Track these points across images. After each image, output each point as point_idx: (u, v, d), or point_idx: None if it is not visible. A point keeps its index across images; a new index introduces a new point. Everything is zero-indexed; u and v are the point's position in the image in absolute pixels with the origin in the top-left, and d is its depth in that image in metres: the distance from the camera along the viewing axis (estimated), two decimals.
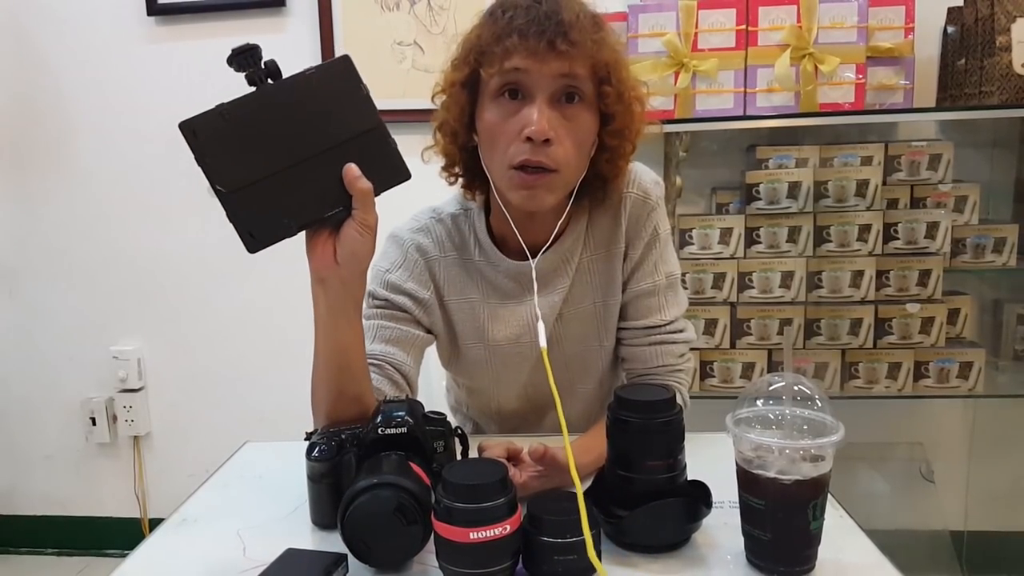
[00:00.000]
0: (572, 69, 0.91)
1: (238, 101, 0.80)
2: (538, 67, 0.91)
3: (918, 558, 2.00)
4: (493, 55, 0.92)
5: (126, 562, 0.83)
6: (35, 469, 2.46)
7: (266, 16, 2.13)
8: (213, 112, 0.79)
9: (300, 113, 0.82)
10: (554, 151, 0.92)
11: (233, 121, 0.79)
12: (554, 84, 0.92)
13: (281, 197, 0.82)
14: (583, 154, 0.98)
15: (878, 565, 0.76)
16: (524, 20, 0.90)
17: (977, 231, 1.84)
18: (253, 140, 0.81)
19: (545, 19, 0.90)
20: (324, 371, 0.91)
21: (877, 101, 1.79)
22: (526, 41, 0.90)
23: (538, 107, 0.91)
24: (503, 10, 0.93)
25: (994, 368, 1.93)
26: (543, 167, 0.92)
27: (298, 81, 0.82)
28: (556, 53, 0.90)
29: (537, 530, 0.72)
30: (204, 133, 0.78)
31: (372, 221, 0.83)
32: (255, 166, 0.81)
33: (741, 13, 1.75)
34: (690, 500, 0.80)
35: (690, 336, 1.10)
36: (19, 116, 2.27)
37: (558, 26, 0.89)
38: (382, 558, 0.76)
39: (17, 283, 2.37)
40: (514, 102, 0.94)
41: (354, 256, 0.84)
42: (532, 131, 0.90)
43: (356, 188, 0.81)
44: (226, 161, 0.80)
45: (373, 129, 0.85)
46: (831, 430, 0.72)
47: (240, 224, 0.80)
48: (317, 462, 0.84)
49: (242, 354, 2.31)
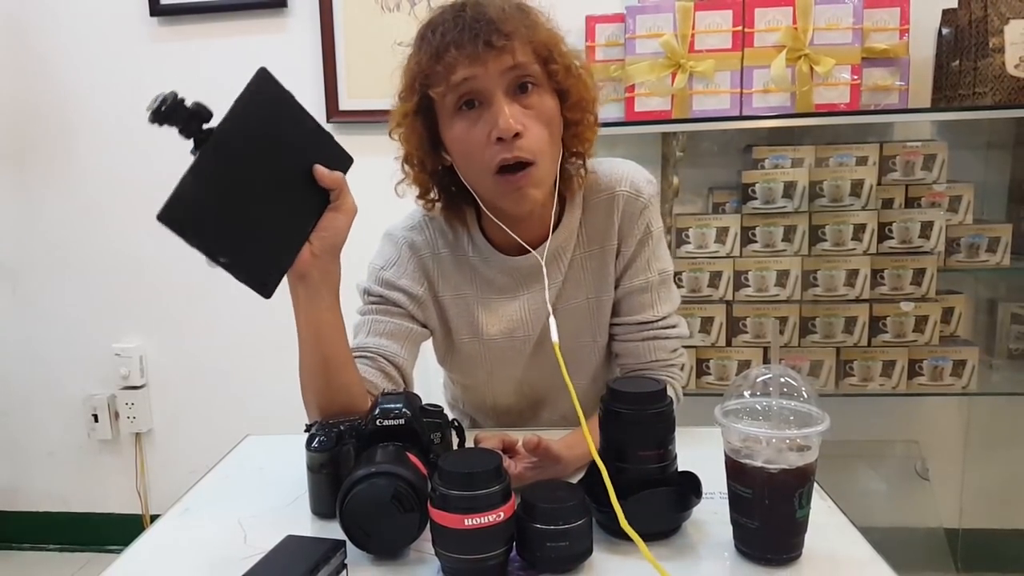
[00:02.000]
0: (516, 60, 0.92)
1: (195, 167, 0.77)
2: (484, 70, 0.91)
3: (913, 555, 2.02)
4: (437, 75, 0.92)
5: (129, 549, 0.84)
6: (38, 466, 2.48)
7: (267, 17, 2.15)
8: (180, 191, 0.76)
9: (251, 146, 0.81)
10: (526, 143, 0.93)
11: (201, 187, 0.77)
12: (505, 80, 0.92)
13: (270, 234, 0.83)
14: (555, 138, 0.98)
15: (870, 561, 0.78)
16: (455, 31, 0.91)
17: (971, 231, 1.85)
18: (226, 194, 0.79)
19: (474, 22, 0.90)
20: (309, 363, 0.94)
21: (872, 102, 1.80)
22: (464, 49, 0.90)
23: (497, 106, 0.92)
24: (432, 30, 0.94)
25: (988, 367, 1.94)
26: (521, 161, 0.93)
27: (236, 115, 0.80)
28: (496, 50, 0.90)
29: (531, 517, 0.74)
30: (183, 215, 0.76)
31: (353, 207, 0.91)
32: (239, 219, 0.80)
33: (738, 15, 1.77)
34: (681, 490, 0.82)
35: (683, 332, 1.12)
36: (22, 115, 2.29)
37: (489, 24, 0.90)
38: (380, 545, 0.78)
39: (20, 281, 2.39)
40: (473, 111, 0.94)
41: (333, 243, 0.90)
42: (500, 130, 0.91)
43: (330, 181, 0.88)
44: (213, 230, 0.78)
45: (314, 128, 0.88)
46: (816, 421, 0.74)
47: (252, 280, 0.81)
48: (316, 452, 0.86)
49: (244, 352, 2.32)
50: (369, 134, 2.12)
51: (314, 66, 2.14)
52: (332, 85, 2.14)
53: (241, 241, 0.80)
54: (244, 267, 0.80)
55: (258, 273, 0.82)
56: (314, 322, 0.92)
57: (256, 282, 0.81)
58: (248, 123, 0.81)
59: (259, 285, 0.82)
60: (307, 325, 0.93)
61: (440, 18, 0.94)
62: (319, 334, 0.93)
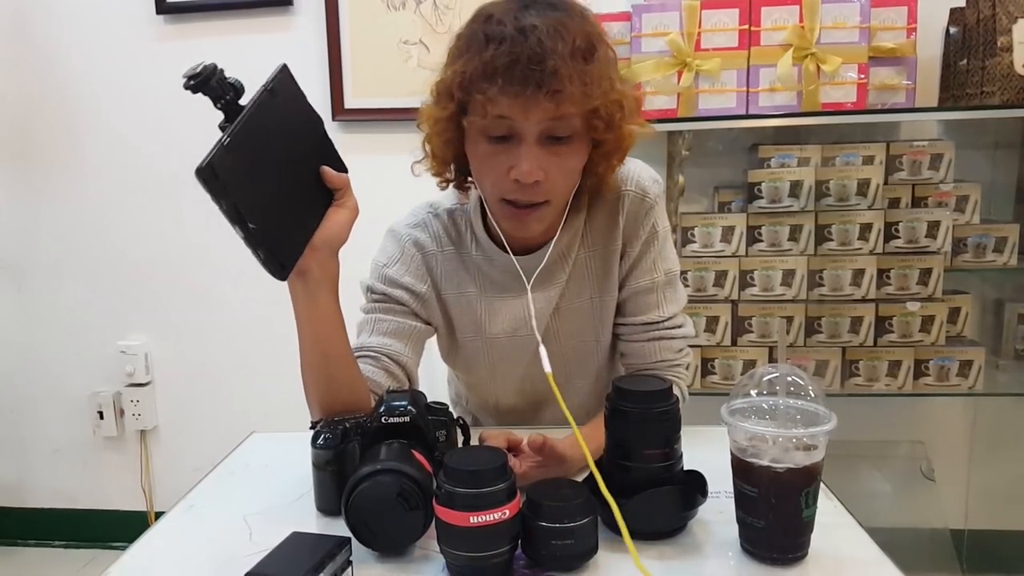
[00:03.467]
0: (560, 111, 0.88)
1: (234, 132, 0.77)
2: (523, 114, 0.88)
3: (918, 556, 2.01)
4: (476, 101, 0.88)
5: (134, 546, 0.85)
6: (43, 463, 2.49)
7: (273, 15, 2.15)
8: (219, 148, 0.75)
9: (277, 130, 0.83)
10: (543, 188, 0.92)
11: (240, 154, 0.77)
12: (540, 127, 0.89)
13: (290, 215, 0.84)
14: (574, 178, 0.97)
15: (877, 561, 0.77)
16: (507, 60, 0.85)
17: (978, 231, 1.85)
18: (257, 167, 0.79)
19: (529, 64, 0.84)
20: (309, 359, 0.94)
21: (879, 101, 1.80)
22: (510, 88, 0.85)
23: (526, 151, 0.89)
24: (487, 39, 0.87)
25: (994, 367, 1.94)
26: (534, 203, 0.93)
27: (264, 99, 0.81)
28: (541, 101, 0.86)
29: (536, 515, 0.73)
30: (222, 171, 0.74)
31: (355, 204, 0.92)
32: (266, 194, 0.80)
33: (744, 13, 1.76)
34: (686, 489, 0.82)
35: (688, 332, 1.12)
36: (27, 113, 2.29)
37: (543, 73, 0.84)
38: (385, 542, 0.78)
39: (26, 278, 2.39)
40: (502, 144, 0.91)
41: (333, 238, 0.90)
42: (521, 175, 0.89)
43: (338, 181, 0.89)
44: (247, 195, 0.77)
45: (322, 132, 0.90)
46: (823, 420, 0.74)
47: (273, 256, 0.80)
48: (322, 450, 0.86)
49: (249, 349, 2.33)
50: (374, 132, 2.13)
51: (319, 64, 2.14)
52: (337, 83, 2.14)
53: (268, 215, 0.80)
54: (268, 241, 0.79)
55: (278, 251, 0.82)
56: (313, 319, 0.92)
57: (276, 260, 0.81)
58: (275, 110, 0.83)
59: (278, 264, 0.81)
60: (306, 323, 0.92)
61: (499, 31, 0.86)
62: (318, 332, 0.93)
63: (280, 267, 0.82)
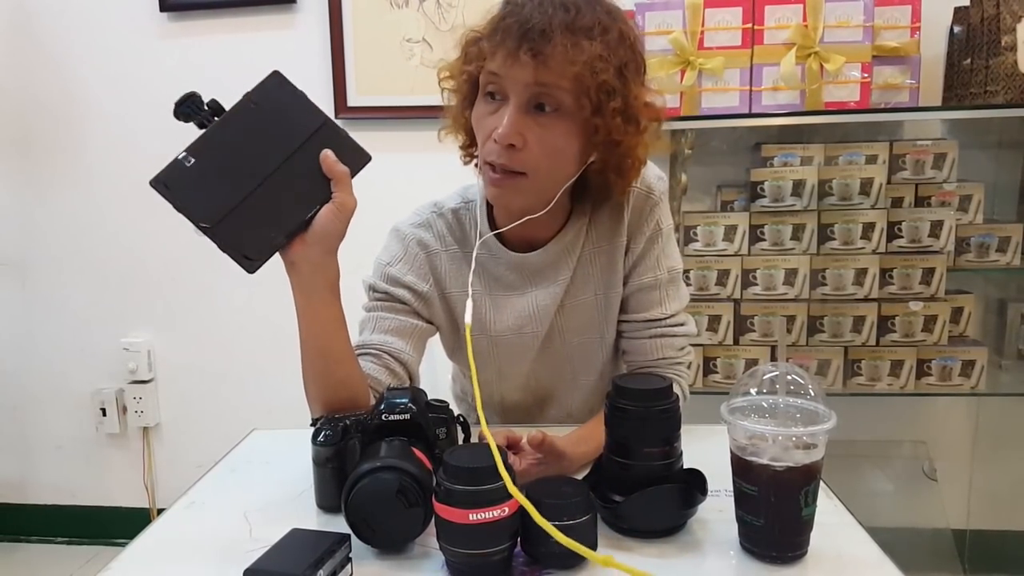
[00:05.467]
0: (542, 78, 0.89)
1: (195, 144, 0.85)
2: (509, 72, 0.91)
3: (920, 556, 2.01)
4: (481, 52, 0.94)
5: (136, 541, 0.85)
6: (46, 459, 2.49)
7: (276, 13, 2.16)
8: (175, 161, 0.85)
9: (255, 135, 0.87)
10: (521, 156, 0.93)
11: (197, 162, 0.85)
12: (526, 91, 0.91)
13: (262, 215, 0.87)
14: (561, 161, 0.97)
15: (877, 561, 0.77)
16: (514, 20, 0.89)
17: (981, 230, 1.84)
18: (220, 172, 0.86)
19: (526, 22, 0.88)
20: (308, 356, 0.95)
21: (882, 100, 1.79)
22: (504, 45, 0.89)
23: (509, 112, 0.91)
24: (507, 3, 0.93)
25: (997, 367, 1.93)
26: (508, 169, 0.94)
27: (242, 108, 0.87)
28: (525, 61, 0.89)
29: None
30: (173, 182, 0.85)
31: (350, 203, 0.89)
32: (229, 194, 0.86)
33: (747, 12, 1.76)
34: (686, 487, 0.82)
35: (691, 330, 1.12)
36: (30, 110, 2.30)
37: (531, 33, 0.87)
38: (384, 539, 0.78)
39: (29, 275, 2.40)
40: (494, 102, 0.95)
41: (324, 236, 0.89)
42: (497, 134, 0.91)
43: (335, 171, 0.88)
44: (200, 199, 0.85)
45: (323, 124, 0.90)
46: (823, 419, 0.73)
47: (233, 251, 0.86)
48: (322, 446, 0.86)
49: (251, 346, 2.33)
50: (377, 130, 2.13)
51: (323, 62, 2.14)
52: (340, 81, 2.14)
53: (226, 212, 0.86)
54: (226, 237, 0.85)
55: (240, 246, 0.86)
56: (311, 316, 0.93)
57: (237, 253, 0.86)
58: (254, 114, 0.86)
59: (242, 257, 0.86)
60: (305, 319, 0.93)
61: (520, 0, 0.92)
62: (316, 328, 0.93)
63: (246, 259, 0.87)
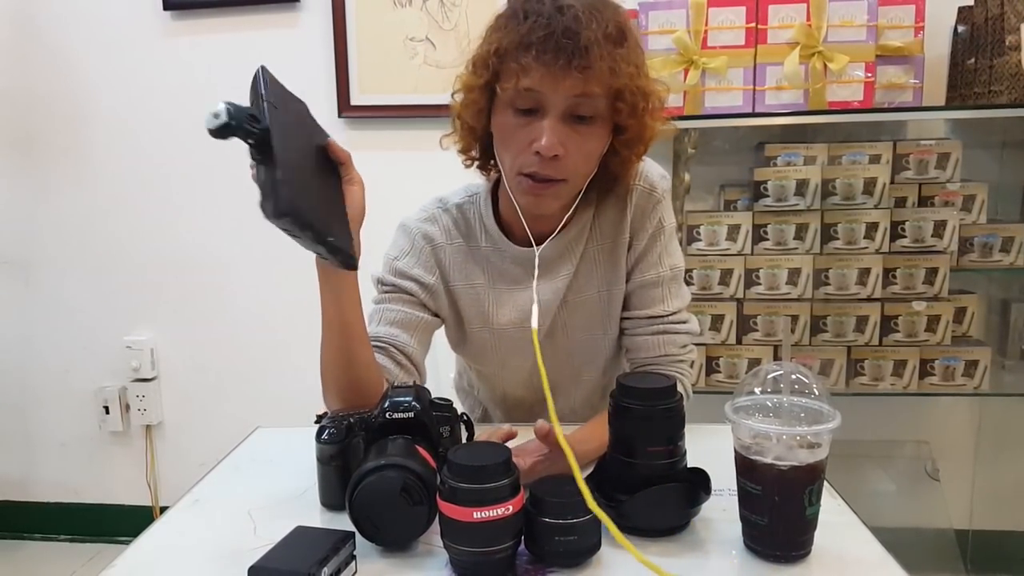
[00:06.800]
0: (586, 89, 0.91)
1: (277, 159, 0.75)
2: (552, 86, 0.90)
3: (923, 556, 2.00)
4: (510, 70, 0.92)
5: (139, 539, 0.85)
6: (49, 457, 2.50)
7: (280, 12, 2.16)
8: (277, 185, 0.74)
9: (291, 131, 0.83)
10: (562, 164, 0.94)
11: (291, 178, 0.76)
12: (567, 102, 0.92)
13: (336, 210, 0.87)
14: (592, 162, 0.99)
15: (880, 561, 0.77)
16: (543, 34, 0.89)
17: (985, 230, 1.84)
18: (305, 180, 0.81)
19: (563, 37, 0.88)
20: (329, 339, 0.96)
21: (886, 99, 1.79)
22: (543, 58, 0.89)
23: (549, 124, 0.92)
24: (525, 15, 0.91)
25: (1000, 367, 1.93)
26: (549, 179, 0.95)
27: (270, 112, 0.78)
28: (571, 74, 0.89)
29: (539, 511, 0.73)
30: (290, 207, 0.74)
31: (360, 176, 0.93)
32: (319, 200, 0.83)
33: (751, 11, 1.76)
34: (689, 486, 0.82)
35: (693, 328, 1.12)
36: (34, 108, 2.30)
37: (575, 47, 0.88)
38: (388, 537, 0.78)
39: (32, 274, 2.40)
40: (527, 116, 0.94)
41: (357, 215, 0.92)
42: (542, 148, 0.92)
43: (342, 155, 0.91)
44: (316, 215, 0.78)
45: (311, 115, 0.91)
46: (827, 418, 0.73)
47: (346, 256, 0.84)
48: (326, 444, 0.87)
49: (254, 345, 2.33)
50: (380, 130, 2.13)
51: (326, 61, 2.14)
52: (344, 81, 2.14)
53: (330, 220, 0.84)
54: (341, 244, 0.83)
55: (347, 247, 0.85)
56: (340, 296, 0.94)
57: (347, 256, 0.85)
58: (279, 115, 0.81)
59: (348, 259, 0.85)
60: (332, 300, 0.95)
61: (537, 7, 0.91)
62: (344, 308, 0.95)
63: (351, 258, 0.86)
